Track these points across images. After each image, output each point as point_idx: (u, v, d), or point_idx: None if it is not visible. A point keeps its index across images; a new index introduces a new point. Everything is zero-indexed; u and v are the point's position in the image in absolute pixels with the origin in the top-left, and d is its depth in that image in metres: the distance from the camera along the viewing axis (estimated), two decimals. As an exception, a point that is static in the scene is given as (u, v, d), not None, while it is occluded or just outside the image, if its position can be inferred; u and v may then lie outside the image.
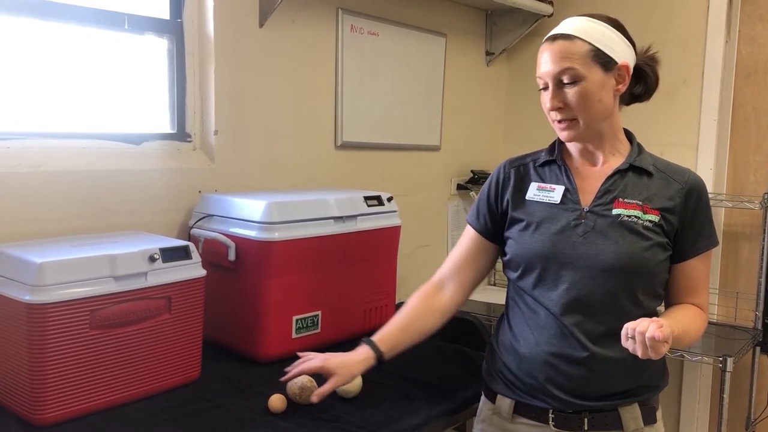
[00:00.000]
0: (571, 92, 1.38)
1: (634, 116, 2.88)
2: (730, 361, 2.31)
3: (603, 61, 1.40)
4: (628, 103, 1.51)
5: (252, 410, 1.51)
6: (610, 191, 1.43)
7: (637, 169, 1.45)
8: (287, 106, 2.30)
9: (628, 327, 1.24)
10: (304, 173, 2.38)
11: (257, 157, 2.22)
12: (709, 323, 2.72)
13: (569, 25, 1.42)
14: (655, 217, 1.40)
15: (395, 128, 2.73)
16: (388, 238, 2.10)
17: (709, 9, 2.75)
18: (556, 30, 1.43)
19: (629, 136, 1.52)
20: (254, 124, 2.21)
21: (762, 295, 2.70)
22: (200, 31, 2.09)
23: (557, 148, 1.52)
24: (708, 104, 2.78)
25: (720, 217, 2.84)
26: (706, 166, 2.79)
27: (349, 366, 1.50)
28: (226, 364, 1.79)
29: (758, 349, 2.74)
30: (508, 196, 1.52)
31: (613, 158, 1.47)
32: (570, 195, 1.45)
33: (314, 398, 1.48)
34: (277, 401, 1.50)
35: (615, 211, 1.41)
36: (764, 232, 2.66)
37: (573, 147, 1.50)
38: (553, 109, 1.41)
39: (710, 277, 2.77)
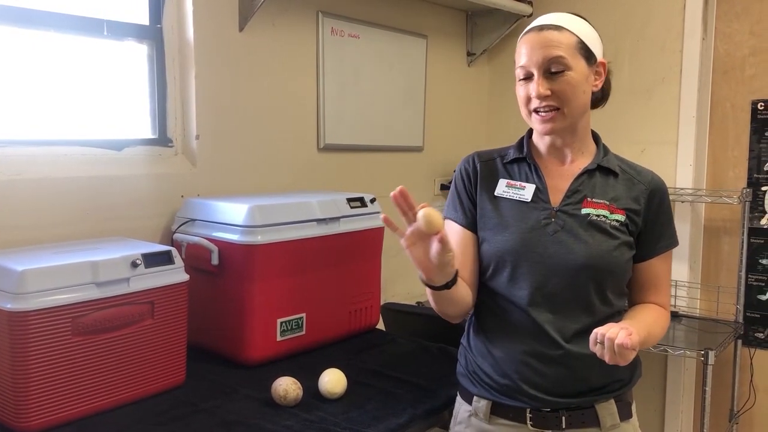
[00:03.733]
0: (559, 81, 1.38)
1: (613, 115, 2.93)
2: (711, 355, 2.34)
3: (587, 54, 1.40)
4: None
5: (238, 413, 1.52)
6: (578, 191, 1.44)
7: (604, 170, 1.46)
8: (269, 110, 2.31)
9: (598, 332, 1.25)
10: (287, 176, 2.39)
11: (239, 160, 2.22)
12: (692, 317, 2.78)
13: (554, 17, 1.42)
14: (621, 217, 1.42)
15: (378, 130, 2.74)
16: (372, 239, 2.11)
17: (686, 7, 2.79)
18: (540, 22, 1.43)
19: (595, 137, 1.53)
20: (236, 128, 2.21)
21: (743, 288, 2.74)
22: (180, 36, 2.09)
23: (526, 145, 1.52)
24: (686, 101, 2.82)
25: (700, 212, 2.88)
26: (686, 162, 2.83)
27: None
28: (211, 367, 1.79)
29: (740, 342, 2.77)
30: (479, 189, 1.51)
31: (581, 157, 1.48)
32: (540, 194, 1.45)
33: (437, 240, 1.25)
34: (437, 216, 1.25)
35: (584, 211, 1.42)
36: (743, 227, 2.70)
37: (542, 144, 1.50)
38: (539, 96, 1.38)
39: (691, 274, 2.83)
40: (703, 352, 2.35)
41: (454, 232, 1.50)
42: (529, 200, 1.45)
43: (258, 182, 2.28)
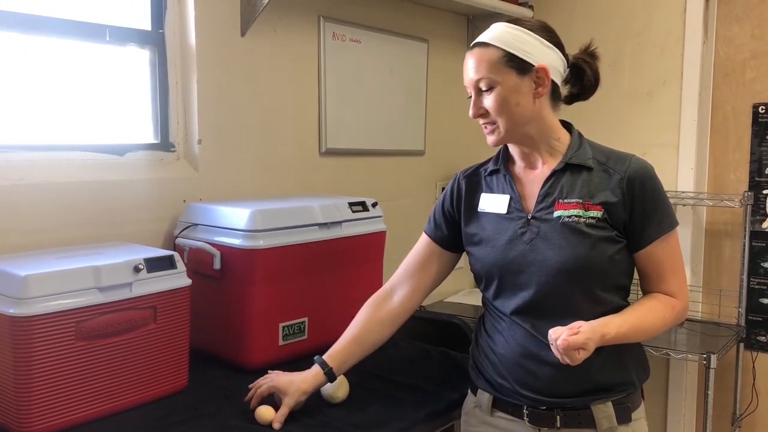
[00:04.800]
0: (488, 99, 1.41)
1: (614, 118, 2.93)
2: (713, 358, 2.34)
3: (517, 65, 1.40)
4: (569, 103, 1.51)
5: (240, 418, 1.52)
6: (549, 194, 1.44)
7: (575, 166, 1.44)
8: (270, 114, 2.31)
9: (550, 332, 1.28)
10: (289, 180, 2.39)
11: (241, 165, 2.23)
12: (693, 321, 2.78)
13: (487, 32, 1.45)
14: (597, 213, 1.39)
15: (379, 134, 2.74)
16: (374, 243, 2.11)
17: (686, 11, 2.80)
18: (476, 39, 1.46)
19: (570, 128, 1.51)
20: (238, 133, 2.21)
21: (744, 291, 2.73)
22: (182, 41, 2.10)
23: (502, 156, 1.55)
24: (687, 104, 2.82)
25: (702, 215, 2.88)
26: (687, 165, 2.83)
27: (297, 384, 1.53)
28: (213, 372, 1.79)
29: (742, 345, 2.77)
30: (462, 209, 1.57)
31: (552, 159, 1.47)
32: (514, 203, 1.47)
33: (275, 425, 1.46)
34: (265, 412, 1.50)
35: (556, 214, 1.41)
36: (745, 230, 2.70)
37: (514, 152, 1.52)
38: (474, 116, 1.45)
39: (693, 277, 2.83)
40: (705, 356, 2.35)
41: (421, 240, 1.66)
42: (505, 212, 1.48)
43: (260, 186, 2.29)
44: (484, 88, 1.41)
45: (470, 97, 1.46)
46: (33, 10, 1.79)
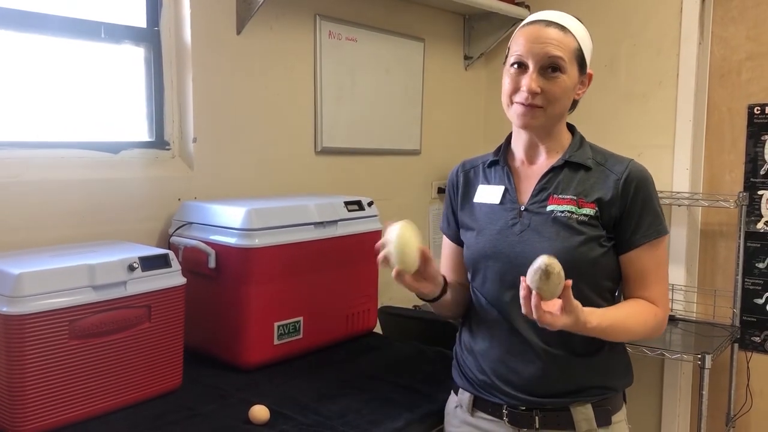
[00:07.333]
0: (552, 81, 1.38)
1: (610, 119, 2.94)
2: (708, 358, 2.34)
3: (581, 63, 1.41)
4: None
5: (234, 418, 1.51)
6: (545, 189, 1.44)
7: (573, 165, 1.44)
8: (266, 113, 2.31)
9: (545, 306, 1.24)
10: (284, 179, 2.39)
11: (236, 164, 2.22)
12: (688, 321, 2.78)
13: (562, 17, 1.41)
14: (590, 210, 1.39)
15: (375, 133, 2.74)
16: (369, 242, 2.09)
17: (683, 11, 2.80)
18: (547, 17, 1.41)
19: (572, 131, 1.52)
20: (233, 131, 2.21)
21: (739, 292, 2.74)
22: (177, 39, 2.09)
23: (503, 148, 1.55)
24: (683, 105, 2.82)
25: (697, 216, 2.88)
26: (683, 166, 2.83)
27: None
28: (207, 371, 1.78)
29: (737, 345, 2.78)
30: (459, 200, 1.58)
31: (553, 155, 1.47)
32: (509, 195, 1.48)
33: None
34: (259, 411, 1.50)
35: (549, 208, 1.41)
36: (740, 231, 2.70)
37: (519, 143, 1.51)
38: (530, 91, 1.37)
39: (688, 277, 2.83)
40: (699, 356, 2.36)
41: (445, 245, 1.65)
42: (498, 202, 1.48)
43: (255, 185, 2.28)
44: (551, 70, 1.38)
45: (518, 66, 1.40)
46: (27, 7, 1.78)
